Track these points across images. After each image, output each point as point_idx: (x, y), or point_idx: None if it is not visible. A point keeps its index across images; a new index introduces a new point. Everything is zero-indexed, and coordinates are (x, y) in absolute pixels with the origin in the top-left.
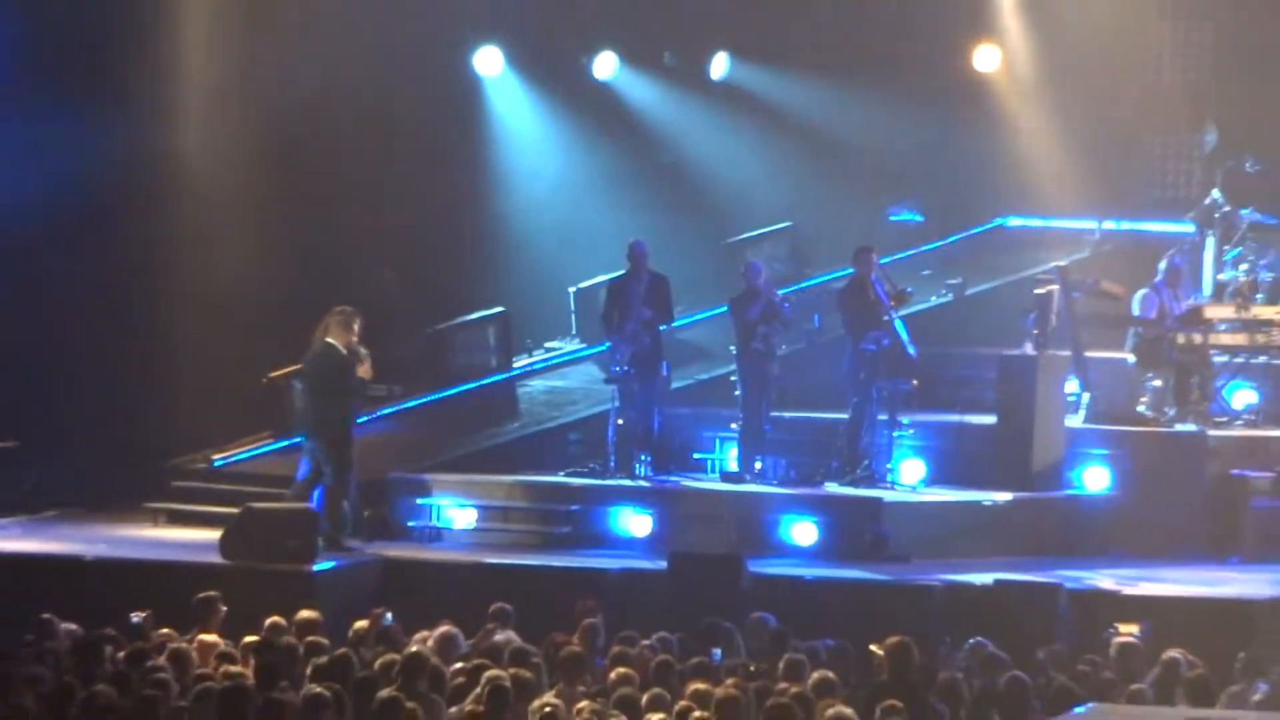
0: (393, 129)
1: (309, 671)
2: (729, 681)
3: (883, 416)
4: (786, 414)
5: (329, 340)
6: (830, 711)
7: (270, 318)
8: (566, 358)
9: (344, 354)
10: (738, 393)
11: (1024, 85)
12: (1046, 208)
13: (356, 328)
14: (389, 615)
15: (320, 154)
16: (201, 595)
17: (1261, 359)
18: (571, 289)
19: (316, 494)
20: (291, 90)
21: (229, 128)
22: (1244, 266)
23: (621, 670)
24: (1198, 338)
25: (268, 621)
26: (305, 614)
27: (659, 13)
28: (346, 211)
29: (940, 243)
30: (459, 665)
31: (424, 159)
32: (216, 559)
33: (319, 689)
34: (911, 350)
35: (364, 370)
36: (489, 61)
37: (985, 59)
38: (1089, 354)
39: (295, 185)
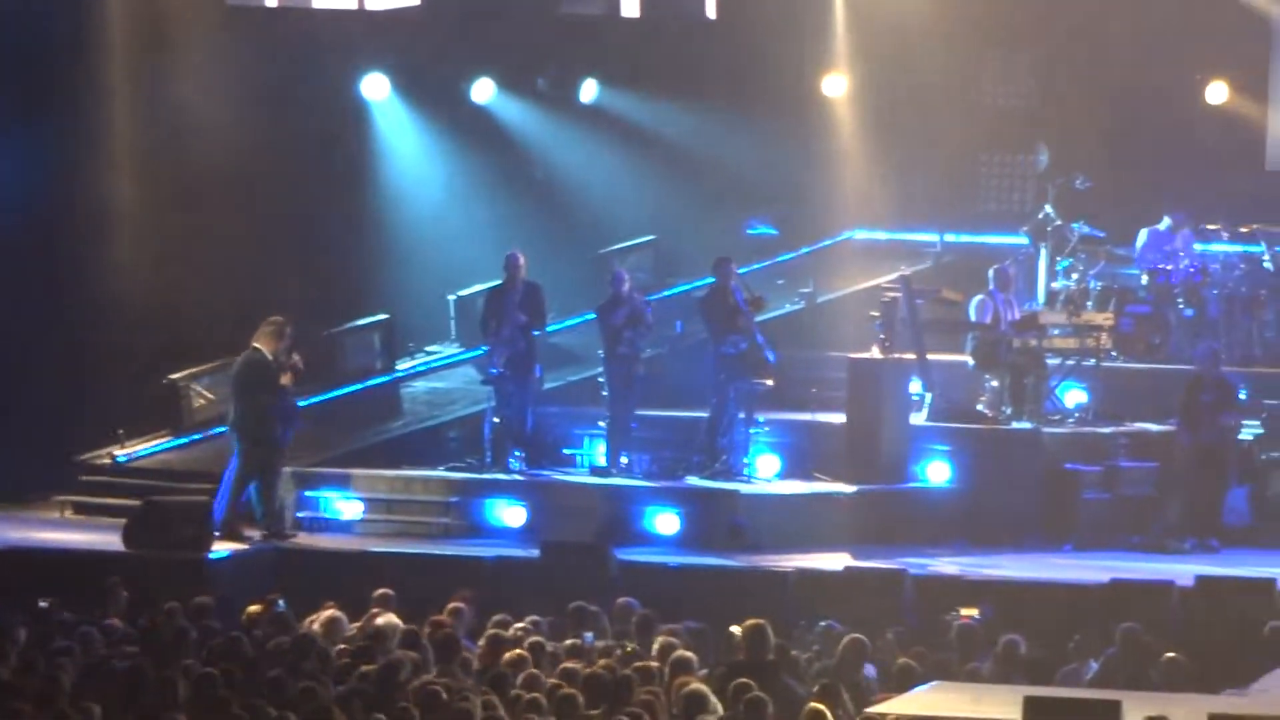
0: (290, 150)
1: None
2: (600, 662)
3: (740, 415)
4: (651, 413)
5: (256, 346)
6: (686, 689)
7: (173, 321)
8: (446, 361)
9: (268, 360)
10: (605, 393)
11: (869, 110)
12: (891, 222)
13: (287, 335)
14: (281, 601)
15: (224, 173)
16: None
17: (1091, 362)
18: (451, 296)
19: (250, 489)
20: (195, 114)
21: (139, 146)
22: (1075, 276)
23: (495, 650)
24: (1032, 341)
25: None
26: (199, 599)
27: (533, 42)
28: (249, 225)
29: (793, 254)
30: (343, 647)
31: (319, 179)
32: (120, 548)
33: (210, 669)
34: (770, 355)
35: (286, 379)
36: (375, 87)
37: (833, 86)
38: (931, 357)
39: (200, 201)
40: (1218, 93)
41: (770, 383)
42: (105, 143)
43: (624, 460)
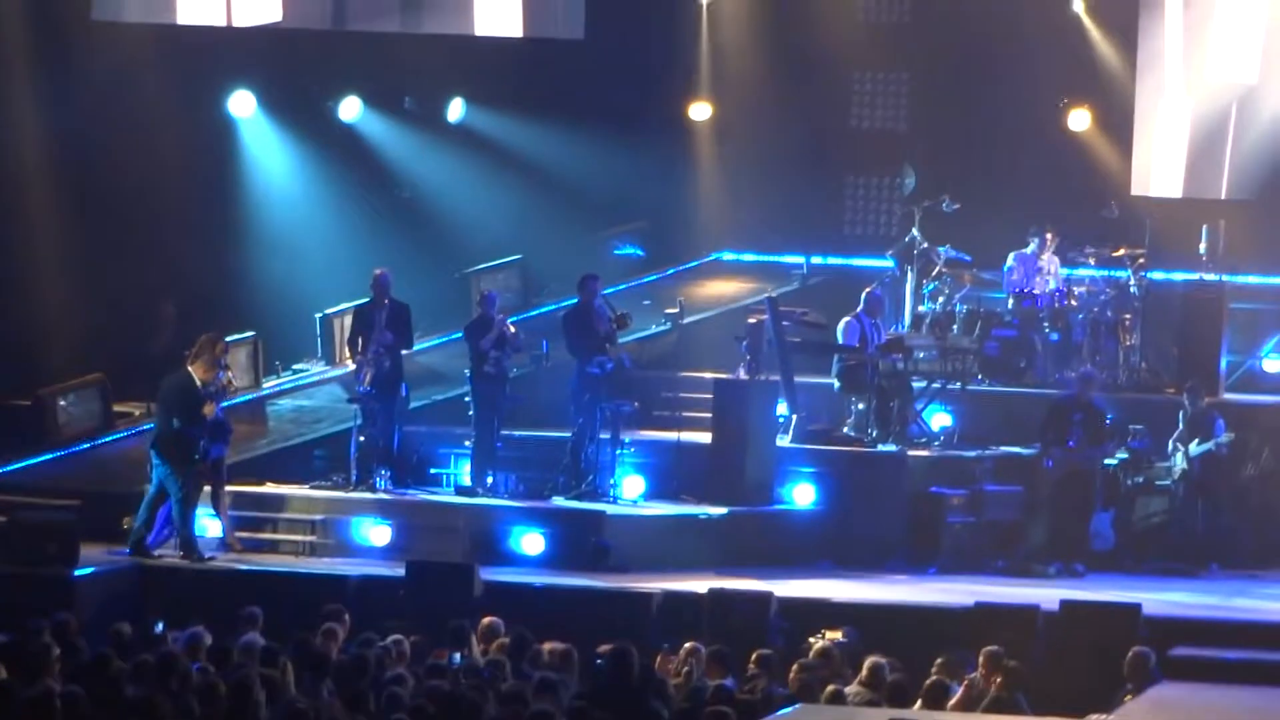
0: (156, 167)
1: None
2: (465, 681)
3: (605, 435)
4: (516, 433)
5: (188, 369)
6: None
7: (39, 338)
8: (313, 379)
9: (194, 385)
10: (471, 413)
11: (736, 131)
12: (758, 244)
13: (221, 357)
14: (161, 624)
15: (88, 189)
16: None
17: (957, 385)
18: (318, 315)
19: (164, 509)
20: (59, 130)
21: (21, 169)
22: (941, 299)
23: (360, 669)
24: (899, 365)
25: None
26: (64, 617)
27: (400, 62)
28: (114, 242)
29: (660, 275)
30: (206, 664)
31: (186, 195)
32: None
33: (74, 687)
34: (625, 360)
35: (208, 408)
36: (242, 104)
37: (698, 112)
38: (797, 379)
39: (64, 218)
40: (1079, 120)
41: (635, 404)
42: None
43: (490, 480)
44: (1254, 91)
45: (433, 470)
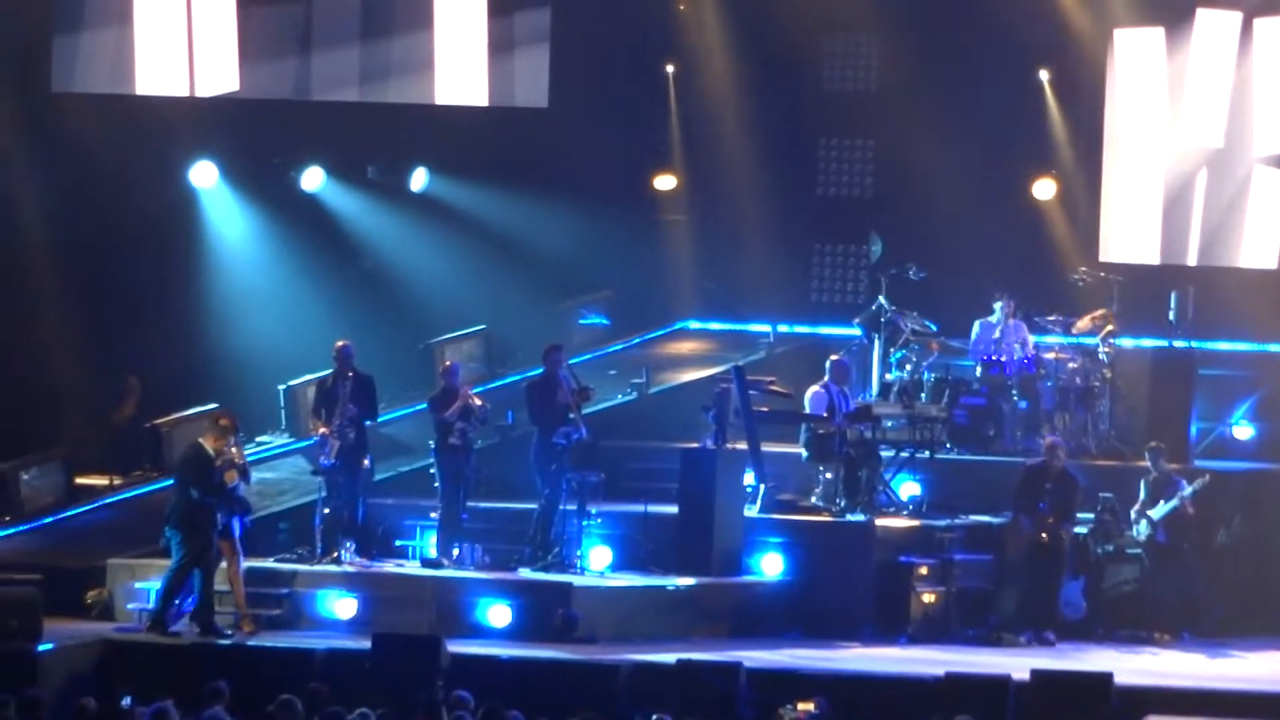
0: (118, 238)
1: None
2: None
3: (572, 506)
4: (482, 504)
5: (200, 441)
6: None
7: (7, 411)
8: (276, 451)
9: (208, 455)
10: (437, 484)
11: (702, 199)
12: (724, 312)
13: (231, 436)
14: (128, 698)
15: (51, 259)
16: None
17: (925, 453)
18: (282, 387)
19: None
20: (21, 202)
21: None
22: (908, 367)
23: None
24: (866, 433)
25: None
26: (30, 693)
27: (362, 131)
28: (76, 313)
29: (626, 344)
30: None
31: (147, 266)
32: None
33: None
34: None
35: (229, 476)
36: (204, 175)
37: (664, 183)
38: (765, 448)
39: (25, 288)
40: (1045, 189)
41: (602, 474)
42: None
43: (455, 551)
44: (1221, 155)
45: (398, 542)
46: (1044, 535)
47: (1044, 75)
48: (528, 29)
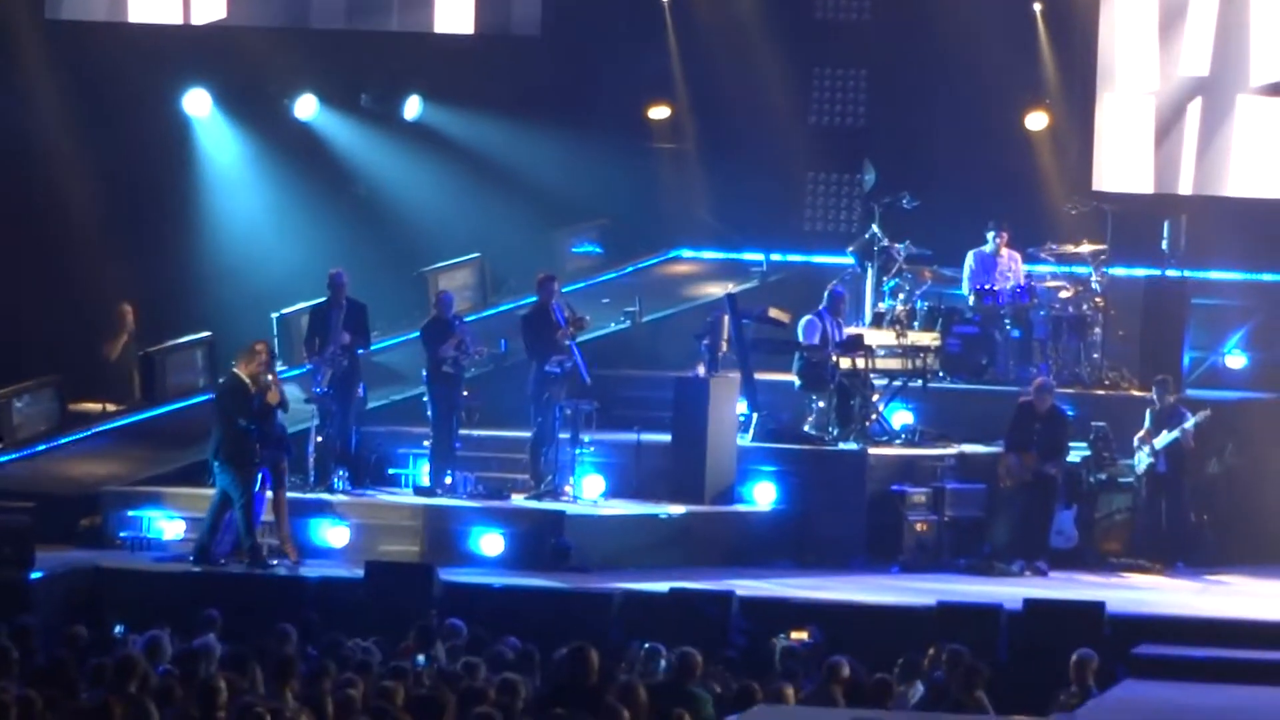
0: (111, 166)
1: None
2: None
3: (565, 435)
4: (475, 432)
5: (234, 370)
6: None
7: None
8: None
9: (244, 384)
10: (429, 413)
11: (696, 128)
12: (717, 240)
13: (262, 356)
14: (120, 627)
15: (44, 187)
16: None
17: (918, 382)
18: (275, 315)
19: (227, 517)
20: (14, 129)
21: None
22: (901, 296)
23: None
24: (859, 362)
25: None
26: (22, 620)
27: (356, 59)
28: (70, 242)
29: (619, 273)
30: (167, 668)
31: (141, 194)
32: None
33: (31, 692)
34: (585, 377)
35: (272, 395)
36: (197, 103)
37: (658, 112)
38: (757, 376)
39: (19, 216)
40: (1038, 120)
41: (595, 403)
42: None
43: (448, 480)
44: (1212, 84)
45: (391, 471)
46: (1033, 475)
47: (1037, 7)
48: None
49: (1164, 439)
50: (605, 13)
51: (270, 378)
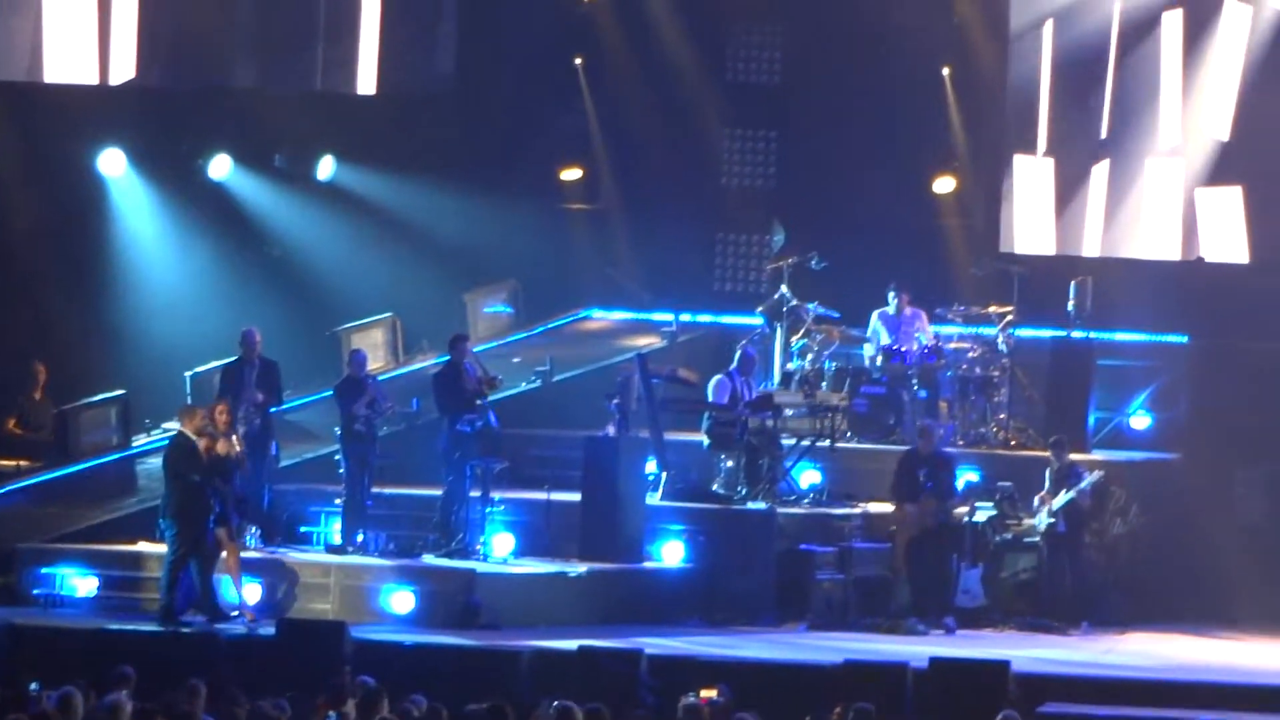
0: (27, 225)
1: None
2: None
3: (476, 493)
4: (386, 490)
5: (181, 430)
6: None
7: None
8: None
9: (191, 440)
10: (342, 470)
11: (608, 187)
12: (628, 300)
13: (198, 413)
14: (35, 684)
15: None
16: None
17: (826, 442)
18: (188, 373)
19: (184, 573)
20: None
21: None
22: (810, 357)
23: None
24: (768, 422)
25: None
26: None
27: (270, 119)
28: None
29: (529, 333)
30: None
31: (56, 254)
32: None
33: None
34: (493, 420)
35: (222, 446)
36: (112, 163)
37: (570, 174)
38: (667, 436)
39: None
40: (945, 182)
41: (506, 462)
42: None
43: (360, 538)
44: (1118, 147)
45: (303, 528)
46: (930, 520)
47: (945, 71)
48: (432, 20)
49: (1061, 499)
50: (519, 73)
51: (235, 438)
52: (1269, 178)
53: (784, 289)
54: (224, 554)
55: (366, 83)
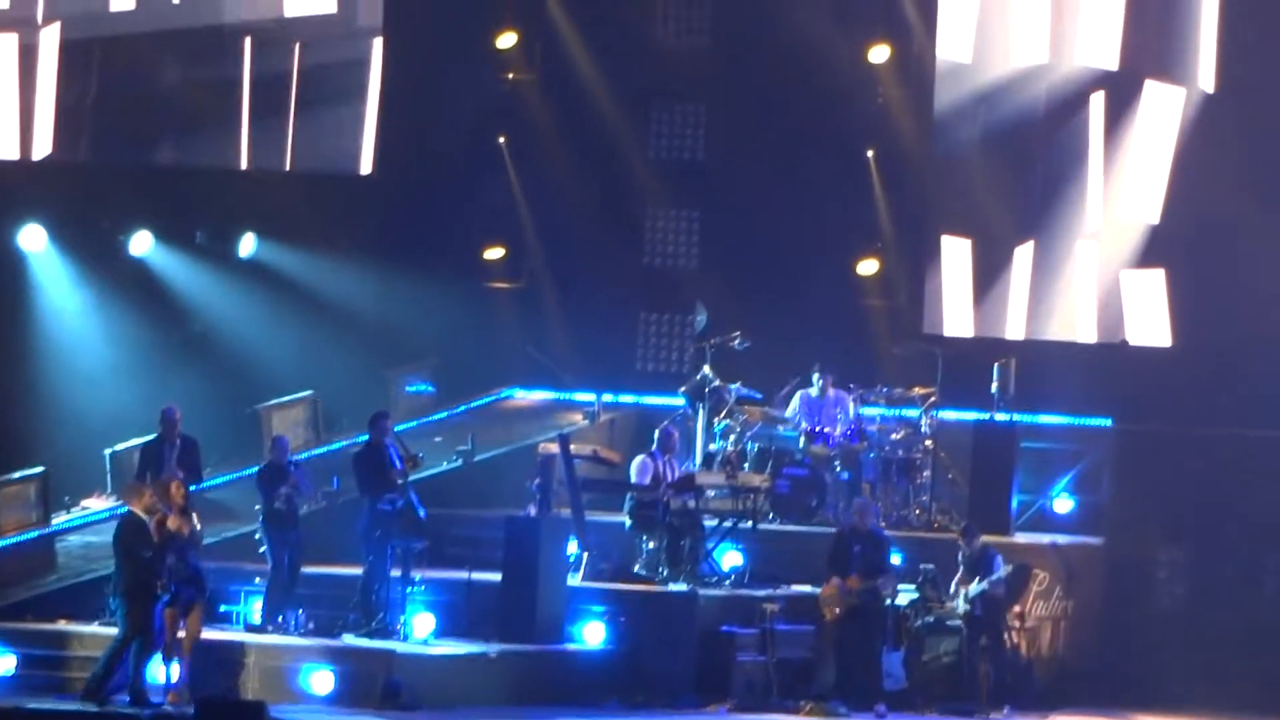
0: None
1: None
2: None
3: (396, 573)
4: (307, 569)
5: (128, 510)
6: None
7: None
8: (102, 515)
9: (139, 518)
10: (263, 549)
11: (528, 269)
12: (550, 380)
13: (145, 491)
14: None
15: None
16: None
17: (748, 523)
18: (108, 450)
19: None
20: None
21: None
22: (732, 437)
23: None
24: (690, 503)
25: None
26: None
27: (191, 196)
28: None
29: (451, 412)
30: None
31: None
32: None
33: None
34: (421, 512)
35: (172, 522)
36: (33, 238)
37: (493, 252)
38: (588, 516)
39: None
40: (869, 264)
41: (427, 541)
42: None
43: (280, 617)
44: (1042, 230)
45: (224, 607)
46: (858, 598)
47: (870, 153)
48: (356, 98)
49: (975, 588)
50: (443, 151)
51: (194, 515)
52: (1191, 261)
53: (706, 369)
54: (180, 634)
55: (288, 160)
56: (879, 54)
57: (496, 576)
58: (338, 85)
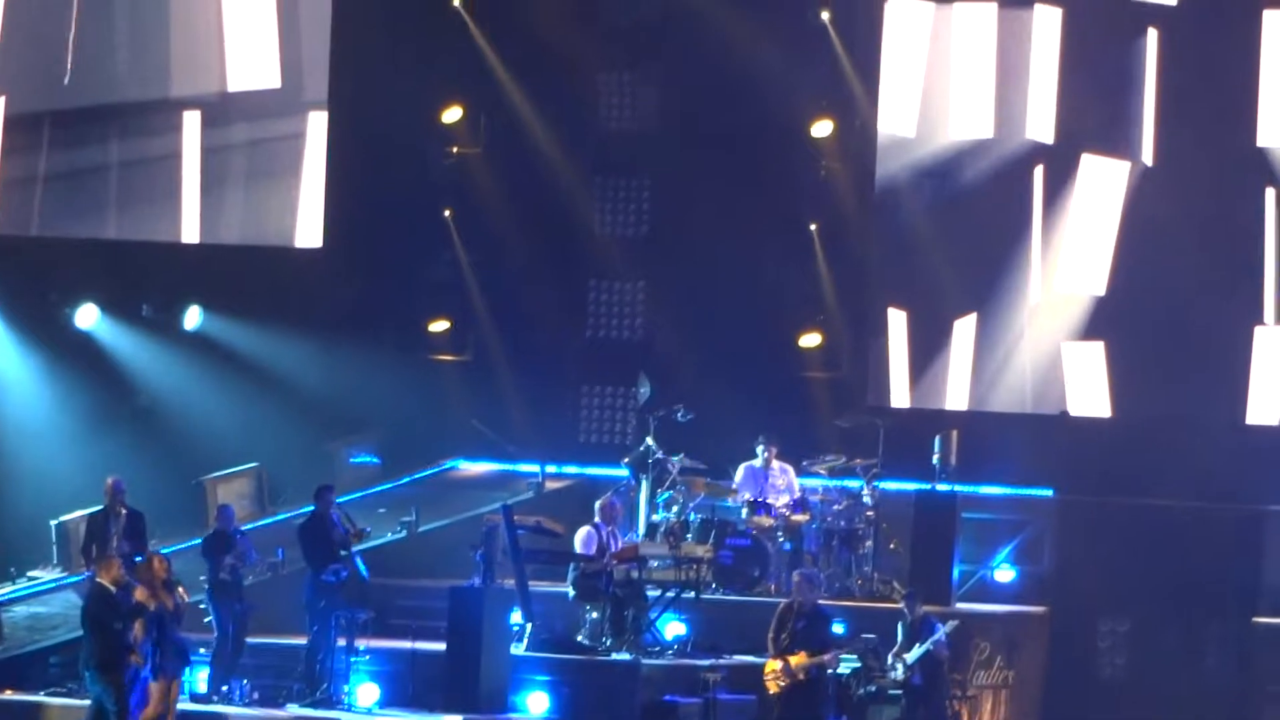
0: None
1: None
2: None
3: (341, 643)
4: (251, 639)
5: (98, 580)
6: None
7: None
8: (48, 586)
9: (107, 589)
10: (208, 619)
11: (471, 339)
12: (494, 451)
13: (115, 563)
14: None
15: None
16: None
17: (691, 593)
18: (54, 522)
19: None
20: None
21: None
22: (675, 508)
23: None
24: (633, 573)
25: None
26: None
27: (136, 269)
28: None
29: (395, 483)
30: None
31: None
32: None
33: None
34: (365, 573)
35: (139, 593)
36: None
37: (438, 325)
38: (532, 586)
39: None
40: (811, 337)
41: (371, 611)
42: None
43: (225, 687)
44: (989, 298)
45: None
46: (800, 675)
47: (813, 226)
48: (299, 172)
49: (916, 653)
50: (388, 225)
51: (180, 589)
52: (1130, 332)
53: (649, 441)
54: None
55: (234, 233)
56: (822, 129)
57: (441, 646)
58: (283, 159)
